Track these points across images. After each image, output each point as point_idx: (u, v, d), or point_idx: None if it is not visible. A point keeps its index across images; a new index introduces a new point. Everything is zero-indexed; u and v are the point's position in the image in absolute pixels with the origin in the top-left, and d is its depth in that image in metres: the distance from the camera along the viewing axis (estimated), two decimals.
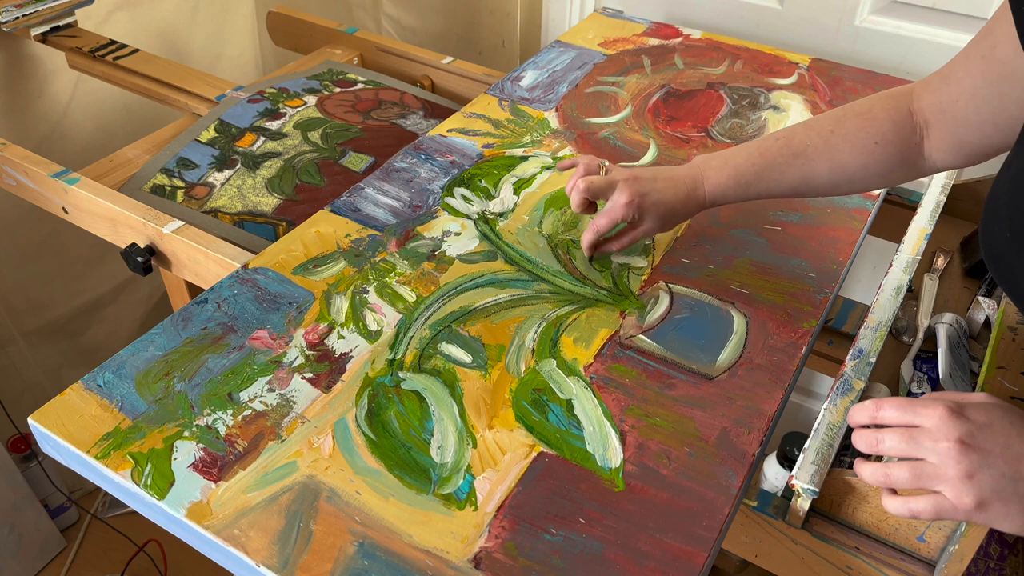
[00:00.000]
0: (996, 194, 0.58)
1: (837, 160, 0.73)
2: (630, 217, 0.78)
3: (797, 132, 0.75)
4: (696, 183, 0.78)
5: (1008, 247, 0.57)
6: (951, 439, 0.52)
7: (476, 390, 0.69)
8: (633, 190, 0.78)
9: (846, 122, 0.73)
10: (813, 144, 0.74)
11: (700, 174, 0.78)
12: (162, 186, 1.00)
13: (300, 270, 0.80)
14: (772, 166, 0.75)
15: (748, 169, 0.76)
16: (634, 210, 0.78)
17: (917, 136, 0.71)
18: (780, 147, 0.75)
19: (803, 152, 0.74)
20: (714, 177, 0.77)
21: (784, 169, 0.75)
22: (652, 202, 0.78)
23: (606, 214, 0.79)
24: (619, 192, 0.78)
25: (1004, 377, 0.71)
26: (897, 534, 0.65)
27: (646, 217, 0.79)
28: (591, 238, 0.82)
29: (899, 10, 1.21)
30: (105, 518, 1.65)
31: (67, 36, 1.29)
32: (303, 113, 1.13)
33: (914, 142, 0.71)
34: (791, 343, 0.75)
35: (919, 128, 0.71)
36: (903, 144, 0.71)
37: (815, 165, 0.74)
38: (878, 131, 0.71)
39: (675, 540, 0.59)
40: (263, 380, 0.69)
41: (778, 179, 0.76)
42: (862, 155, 0.72)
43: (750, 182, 0.76)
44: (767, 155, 0.76)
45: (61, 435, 0.64)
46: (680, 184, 0.78)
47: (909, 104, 0.71)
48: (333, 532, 0.58)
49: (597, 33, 1.27)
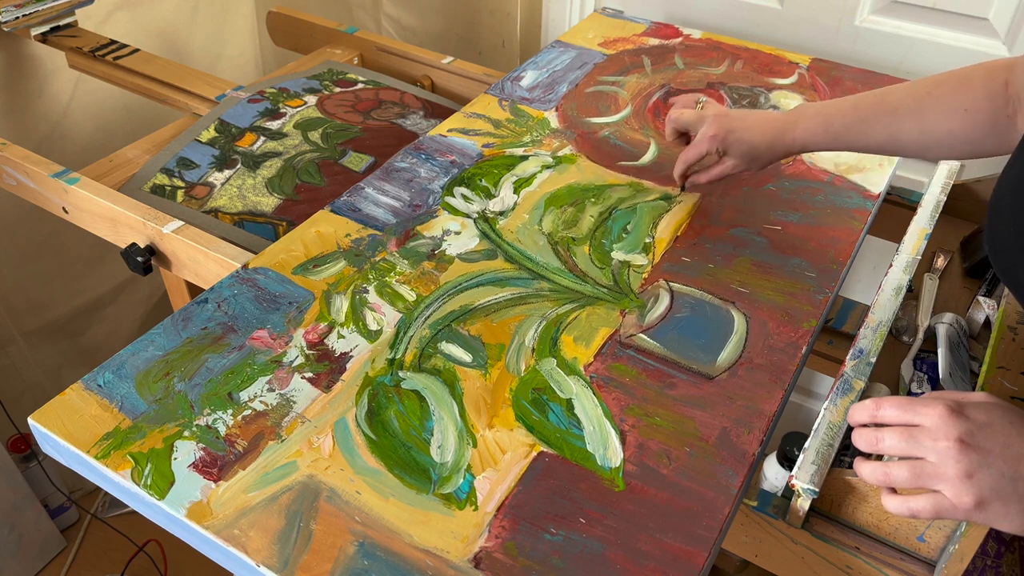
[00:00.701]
0: (1000, 193, 0.58)
1: (927, 122, 0.74)
2: (713, 150, 0.82)
3: (894, 91, 0.76)
4: (787, 127, 0.80)
5: (1013, 245, 0.57)
6: (951, 438, 0.52)
7: (476, 389, 0.69)
8: (720, 125, 0.81)
9: (942, 86, 0.74)
10: (905, 104, 0.75)
11: (793, 119, 0.80)
12: (162, 186, 1.00)
13: (300, 270, 0.80)
14: (863, 120, 0.76)
15: (839, 120, 0.77)
16: (718, 143, 0.81)
17: (1010, 108, 0.71)
18: (874, 102, 0.76)
19: (895, 110, 0.75)
20: (805, 123, 0.79)
21: (874, 124, 0.76)
22: (737, 138, 0.81)
23: (694, 145, 0.84)
24: (707, 125, 0.82)
25: (1004, 377, 0.71)
26: (897, 534, 0.65)
27: (731, 152, 0.82)
28: (681, 168, 0.86)
29: (899, 10, 1.21)
30: (105, 518, 1.65)
31: (67, 36, 1.29)
32: (303, 113, 1.13)
33: (1006, 114, 0.71)
34: (791, 343, 0.75)
35: (1012, 101, 0.70)
36: (994, 114, 0.71)
37: (904, 124, 0.75)
38: (970, 98, 0.72)
39: (675, 540, 0.58)
40: (263, 380, 0.69)
41: (867, 133, 0.77)
42: (951, 120, 0.72)
43: (839, 133, 0.78)
44: (860, 109, 0.77)
45: (61, 435, 0.64)
46: (769, 125, 0.80)
47: (1007, 76, 0.71)
48: (333, 532, 0.58)
49: (597, 33, 1.27)
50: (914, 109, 0.74)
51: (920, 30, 1.20)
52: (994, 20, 1.13)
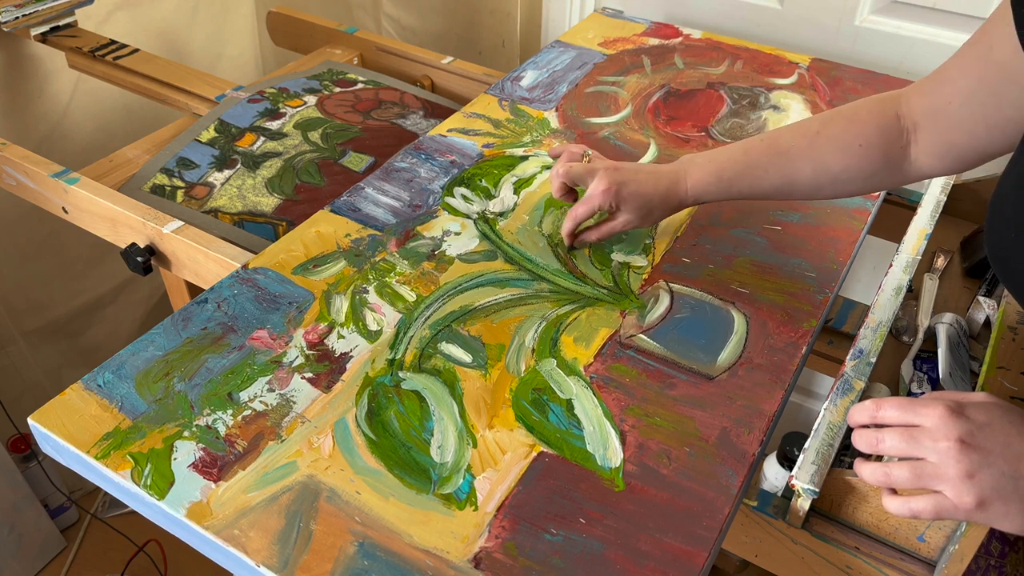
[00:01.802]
0: (1001, 194, 0.58)
1: (820, 161, 0.73)
2: (607, 205, 0.79)
3: (783, 133, 0.76)
4: (678, 178, 0.78)
5: (1014, 247, 0.57)
6: (951, 438, 0.52)
7: (476, 390, 0.69)
8: (612, 179, 0.78)
9: (832, 124, 0.73)
10: (797, 144, 0.74)
11: (684, 170, 0.79)
12: (162, 186, 1.00)
13: (300, 270, 0.80)
14: (755, 165, 0.76)
15: (731, 167, 0.76)
16: (611, 198, 0.78)
17: (903, 140, 0.71)
18: (765, 147, 0.76)
19: (787, 152, 0.74)
20: (696, 173, 0.78)
21: (767, 168, 0.75)
22: (630, 192, 0.78)
23: (584, 202, 0.80)
24: (598, 180, 0.79)
25: (1004, 377, 0.71)
26: (897, 534, 0.65)
27: (623, 207, 0.79)
28: (570, 226, 0.83)
29: (899, 10, 1.21)
30: (105, 518, 1.65)
31: (67, 36, 1.29)
32: (303, 113, 1.13)
33: (899, 146, 0.71)
34: (791, 343, 0.75)
35: (906, 132, 0.70)
36: (887, 147, 0.71)
37: (798, 165, 0.74)
38: (862, 133, 0.71)
39: (675, 540, 0.58)
40: (263, 380, 0.69)
41: (761, 177, 0.76)
42: (845, 157, 0.72)
43: (732, 180, 0.77)
44: (751, 154, 0.76)
45: (61, 435, 0.64)
46: (661, 178, 0.79)
47: (897, 108, 0.71)
48: (333, 532, 0.58)
49: (597, 33, 1.27)
50: (806, 149, 0.74)
51: (920, 30, 1.20)
52: None
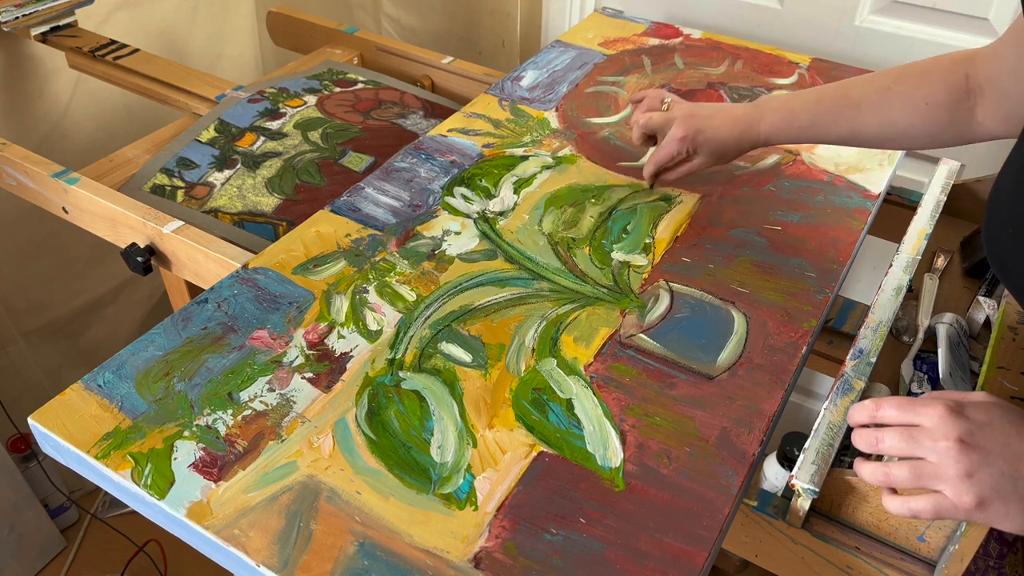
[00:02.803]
0: (998, 194, 0.58)
1: (887, 116, 0.75)
2: (684, 151, 0.83)
3: (856, 84, 0.78)
4: (753, 122, 0.81)
5: (1011, 247, 0.57)
6: (951, 438, 0.52)
7: (476, 389, 0.69)
8: (688, 125, 0.82)
9: (904, 80, 0.75)
10: (868, 98, 0.76)
11: (759, 114, 0.81)
12: (162, 186, 1.00)
13: (300, 270, 0.80)
14: (826, 114, 0.78)
15: (803, 114, 0.79)
16: (688, 144, 0.83)
17: (970, 101, 0.71)
18: (837, 97, 0.78)
19: (857, 104, 0.76)
20: (770, 118, 0.81)
21: (837, 119, 0.78)
22: (706, 138, 0.82)
23: (664, 147, 0.85)
24: (676, 127, 0.83)
25: (1004, 377, 0.71)
26: (897, 534, 0.65)
27: (700, 151, 0.83)
28: (651, 169, 0.88)
29: (899, 10, 1.21)
30: (105, 518, 1.65)
31: (67, 36, 1.29)
32: (303, 113, 1.13)
33: (966, 107, 0.72)
34: (791, 343, 0.75)
35: (973, 94, 0.71)
36: (954, 108, 0.72)
37: (866, 119, 0.76)
38: (931, 92, 0.73)
39: (675, 540, 0.58)
40: (263, 380, 0.69)
41: (830, 127, 0.79)
42: (912, 114, 0.74)
43: (803, 127, 0.80)
44: (823, 103, 0.78)
45: (61, 435, 0.64)
46: (736, 122, 0.82)
47: (967, 69, 0.71)
48: (333, 532, 0.58)
49: (597, 33, 1.27)
50: (876, 103, 0.76)
51: (920, 30, 1.20)
52: (994, 20, 1.13)
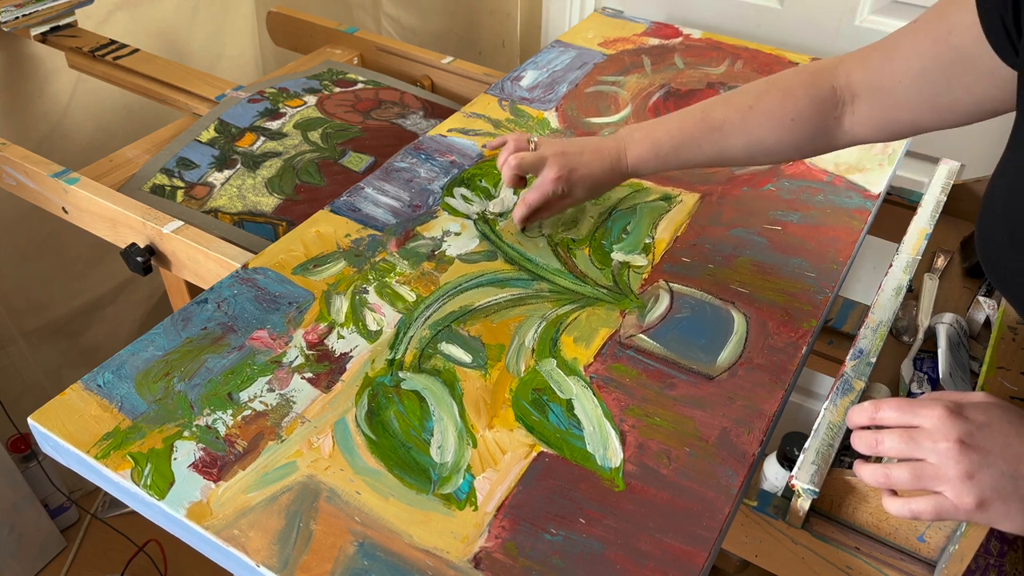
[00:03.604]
0: (992, 198, 0.58)
1: (754, 135, 0.76)
2: (560, 191, 0.82)
3: (717, 106, 0.78)
4: (620, 154, 0.82)
5: (1006, 252, 0.57)
6: (950, 439, 0.52)
7: (476, 390, 0.69)
8: (561, 164, 0.82)
9: (765, 97, 0.75)
10: (731, 119, 0.76)
11: (623, 146, 0.82)
12: (162, 186, 1.00)
13: (300, 270, 0.80)
14: (690, 140, 0.78)
15: (667, 143, 0.80)
16: (563, 184, 0.82)
17: (838, 111, 0.72)
18: (698, 121, 0.78)
19: (720, 127, 0.77)
20: (635, 149, 0.81)
21: (701, 143, 0.78)
22: (580, 176, 0.82)
23: (536, 189, 0.83)
24: (548, 167, 0.82)
25: (1004, 377, 0.71)
26: (897, 534, 0.65)
27: (575, 189, 0.83)
28: (523, 212, 0.86)
29: (899, 10, 1.20)
30: (105, 518, 1.65)
31: (67, 36, 1.29)
32: (303, 113, 1.13)
33: (833, 116, 0.72)
34: (791, 343, 0.75)
35: (842, 103, 0.72)
36: (820, 119, 0.73)
37: (731, 140, 0.77)
38: (795, 108, 0.73)
39: (675, 540, 0.58)
40: (263, 380, 0.69)
41: (696, 152, 0.79)
42: (778, 131, 0.74)
43: (668, 155, 0.80)
44: (685, 129, 0.79)
45: (61, 435, 0.64)
46: (605, 156, 0.82)
47: (833, 80, 0.72)
48: (333, 532, 0.58)
49: (597, 33, 1.27)
50: (740, 124, 0.76)
51: None
52: None
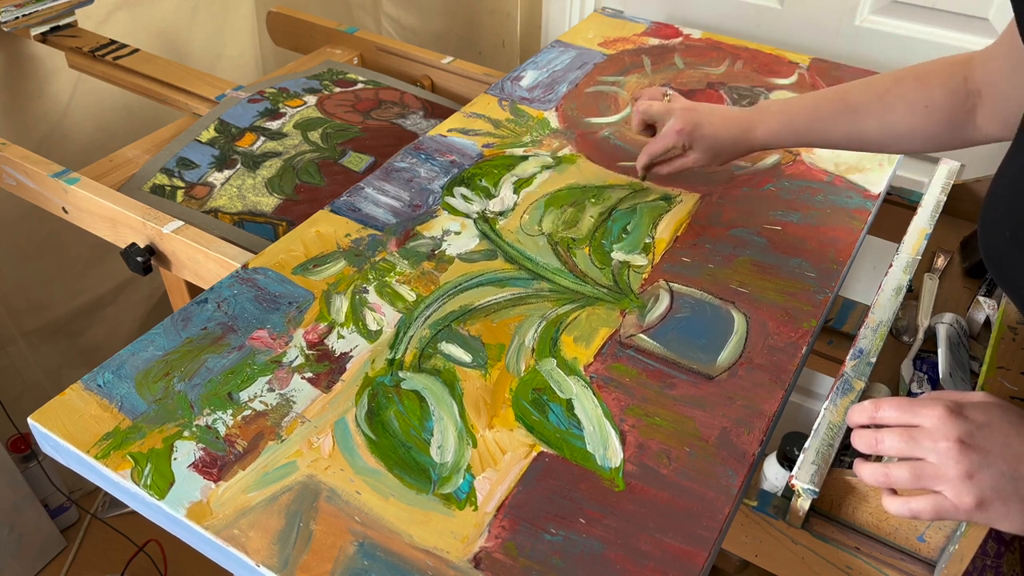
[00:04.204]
0: (994, 196, 0.58)
1: (887, 119, 0.75)
2: (680, 144, 0.83)
3: (855, 88, 0.78)
4: (751, 125, 0.81)
5: (1008, 249, 0.57)
6: (950, 439, 0.52)
7: (476, 390, 0.69)
8: (687, 119, 0.82)
9: (903, 84, 0.75)
10: (866, 102, 0.76)
11: (757, 117, 0.81)
12: (162, 186, 1.00)
13: (300, 270, 0.80)
14: (824, 118, 0.78)
15: (801, 118, 0.79)
16: (685, 138, 0.82)
17: (969, 104, 0.71)
18: (835, 100, 0.78)
19: (855, 108, 0.76)
20: (768, 122, 0.81)
21: (836, 122, 0.78)
22: (703, 134, 0.82)
23: (660, 138, 0.85)
24: (675, 119, 0.83)
25: (1004, 377, 0.71)
26: (897, 534, 0.65)
27: (695, 147, 0.83)
28: (645, 160, 0.87)
29: (899, 10, 1.21)
30: (105, 518, 1.65)
31: (67, 36, 1.29)
32: (303, 113, 1.13)
33: (965, 110, 0.72)
34: (791, 343, 0.75)
35: (972, 96, 0.71)
36: (953, 111, 0.72)
37: (866, 123, 0.76)
38: (930, 96, 0.73)
39: (675, 540, 0.58)
40: (263, 380, 0.69)
41: (829, 131, 0.78)
42: (911, 117, 0.74)
43: (801, 131, 0.80)
44: (821, 108, 0.78)
45: (61, 435, 0.64)
46: (734, 123, 0.82)
47: (965, 72, 0.71)
48: (333, 532, 0.58)
49: (597, 33, 1.27)
50: (875, 107, 0.76)
51: (920, 30, 1.20)
52: (994, 20, 1.13)
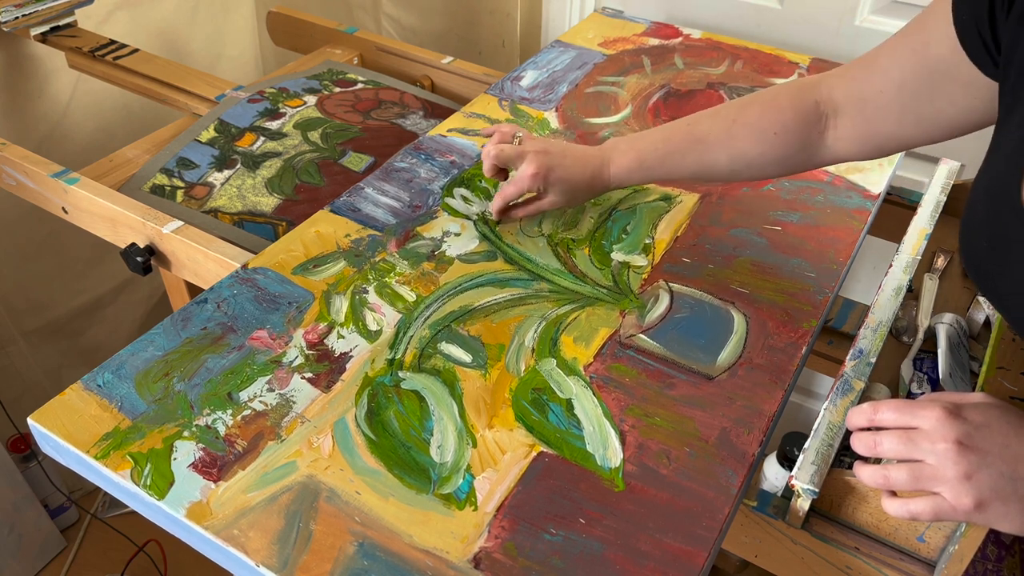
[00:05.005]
0: (972, 204, 0.59)
1: (737, 148, 0.76)
2: (535, 188, 0.82)
3: (703, 119, 0.78)
4: (603, 164, 0.82)
5: (987, 256, 0.57)
6: (949, 440, 0.52)
7: (476, 390, 0.69)
8: (540, 163, 0.81)
9: (749, 110, 0.75)
10: (715, 132, 0.76)
11: (608, 156, 0.82)
12: (162, 186, 1.00)
13: (300, 270, 0.80)
14: (674, 152, 0.79)
15: (651, 154, 0.80)
16: (540, 182, 0.81)
17: (821, 126, 0.72)
18: (684, 134, 0.78)
19: (704, 139, 0.77)
20: (619, 160, 0.81)
21: (685, 155, 0.78)
22: (557, 177, 0.81)
23: (514, 183, 0.83)
24: (527, 164, 0.81)
25: (1004, 377, 0.71)
26: (897, 534, 0.65)
27: (551, 190, 0.82)
28: (499, 204, 0.86)
29: (899, 10, 1.21)
30: (105, 518, 1.65)
31: (67, 36, 1.29)
32: (303, 113, 1.13)
33: (816, 132, 0.73)
34: (791, 343, 0.75)
35: (824, 118, 0.72)
36: (803, 134, 0.73)
37: (715, 154, 0.77)
38: (779, 121, 0.73)
39: (675, 540, 0.59)
40: (263, 380, 0.69)
41: (679, 164, 0.79)
42: (761, 144, 0.74)
43: (652, 166, 0.80)
44: (670, 142, 0.79)
45: (61, 435, 0.64)
46: (587, 163, 0.82)
47: (816, 95, 0.72)
48: (333, 532, 0.58)
49: (597, 33, 1.27)
50: (724, 137, 0.76)
51: None
52: None
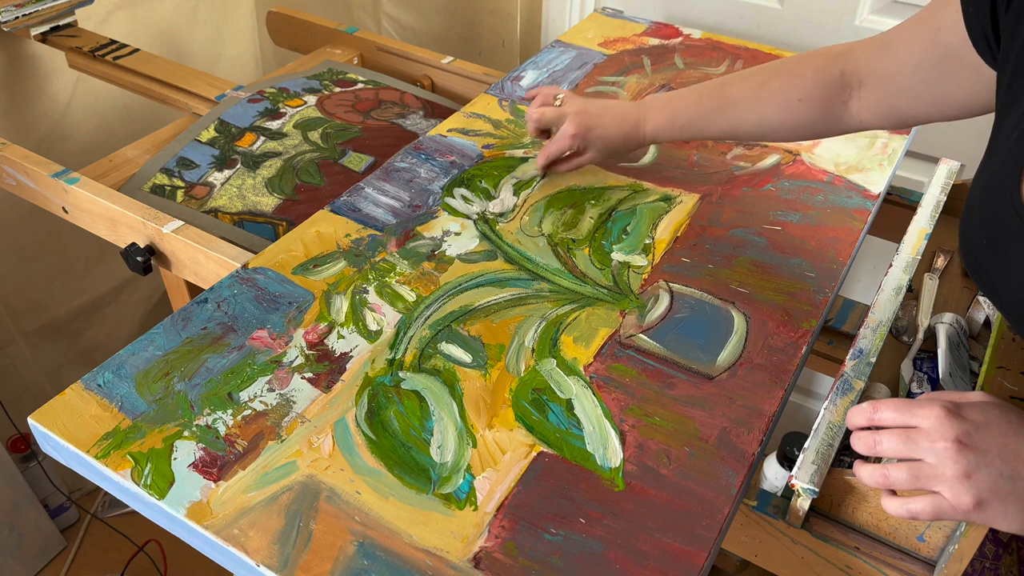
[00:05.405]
0: (971, 202, 0.59)
1: (763, 113, 0.79)
2: (575, 147, 0.88)
3: (733, 82, 0.82)
4: (639, 121, 0.86)
5: (985, 254, 0.57)
6: (948, 439, 0.52)
7: (476, 390, 0.69)
8: (579, 123, 0.87)
9: (777, 77, 0.79)
10: (744, 96, 0.80)
11: (644, 114, 0.86)
12: (162, 186, 1.00)
13: (300, 270, 0.80)
14: (707, 112, 0.83)
15: (685, 113, 0.84)
16: (579, 140, 0.87)
17: (845, 95, 0.75)
18: (715, 95, 0.82)
19: (734, 103, 0.81)
20: (653, 119, 0.85)
21: (716, 116, 0.82)
22: (596, 136, 0.87)
23: (555, 142, 0.89)
24: (568, 124, 0.87)
25: (1004, 377, 0.71)
26: (897, 534, 0.65)
27: (590, 148, 0.89)
28: (543, 161, 0.92)
29: (899, 10, 1.21)
30: (105, 518, 1.65)
31: (67, 36, 1.29)
32: (303, 113, 1.13)
33: (840, 101, 0.75)
34: (791, 343, 0.75)
35: (849, 88, 0.75)
36: (827, 102, 0.76)
37: (743, 117, 0.81)
38: (804, 89, 0.76)
39: (675, 540, 0.59)
40: (263, 380, 0.69)
41: (711, 124, 0.83)
42: (786, 110, 0.78)
43: (685, 125, 0.84)
44: (703, 103, 0.83)
45: (61, 435, 0.64)
46: (625, 121, 0.86)
47: (843, 65, 0.75)
48: (333, 532, 0.58)
49: (597, 33, 1.27)
50: (752, 101, 0.80)
51: None
52: None
